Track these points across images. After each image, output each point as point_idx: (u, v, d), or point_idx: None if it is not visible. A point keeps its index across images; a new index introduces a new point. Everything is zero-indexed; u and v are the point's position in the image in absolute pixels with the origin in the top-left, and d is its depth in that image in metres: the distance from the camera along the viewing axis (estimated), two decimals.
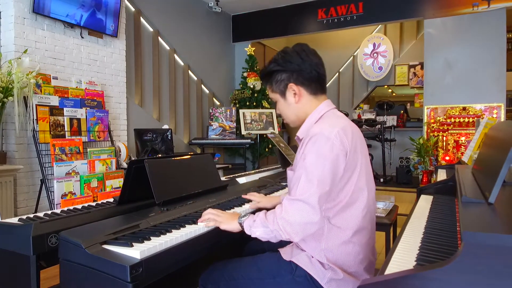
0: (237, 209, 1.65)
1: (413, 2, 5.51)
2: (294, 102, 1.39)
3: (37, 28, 3.55)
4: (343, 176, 1.25)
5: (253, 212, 1.40)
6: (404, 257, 0.98)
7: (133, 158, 4.30)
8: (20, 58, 3.21)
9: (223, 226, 1.36)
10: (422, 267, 0.82)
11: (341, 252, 1.27)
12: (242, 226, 1.32)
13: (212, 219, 1.38)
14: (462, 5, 5.16)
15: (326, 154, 1.21)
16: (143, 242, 1.15)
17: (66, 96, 3.65)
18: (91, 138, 3.78)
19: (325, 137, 1.23)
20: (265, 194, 1.97)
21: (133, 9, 4.96)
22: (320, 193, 1.19)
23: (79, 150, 3.56)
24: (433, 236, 1.18)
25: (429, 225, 1.32)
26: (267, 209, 1.34)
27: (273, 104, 6.84)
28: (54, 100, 3.49)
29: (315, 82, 1.37)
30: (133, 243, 1.13)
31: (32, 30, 3.51)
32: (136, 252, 1.07)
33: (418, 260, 0.95)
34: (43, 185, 3.30)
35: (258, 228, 1.26)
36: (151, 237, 1.20)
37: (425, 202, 1.78)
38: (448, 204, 1.68)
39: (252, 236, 1.29)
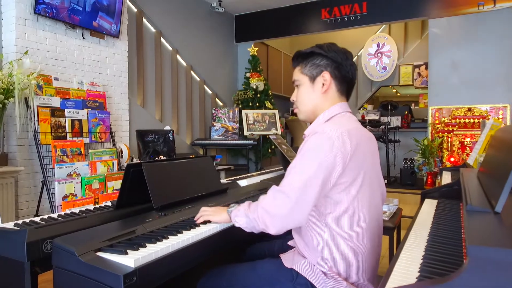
0: None
1: (418, 2, 5.46)
2: (321, 91, 1.34)
3: (38, 29, 3.54)
4: (342, 180, 1.19)
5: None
6: (407, 267, 0.94)
7: (135, 159, 4.28)
8: (21, 59, 3.19)
9: (214, 219, 1.42)
10: (424, 282, 0.78)
11: (344, 263, 1.23)
12: (230, 217, 1.37)
13: (205, 214, 1.44)
14: (468, 4, 5.10)
15: (323, 152, 1.17)
16: (138, 249, 1.13)
17: (67, 97, 3.63)
18: (93, 139, 3.77)
19: (327, 136, 1.18)
20: None
21: (135, 10, 4.94)
22: (307, 190, 1.15)
23: (81, 152, 3.54)
24: (437, 244, 1.14)
25: (433, 232, 1.28)
26: None
27: (276, 105, 6.83)
28: (56, 101, 3.48)
29: (346, 84, 1.36)
30: (128, 251, 1.10)
31: (33, 31, 3.50)
32: (131, 260, 1.04)
33: (421, 271, 0.91)
34: (44, 186, 3.28)
35: (241, 217, 1.29)
36: (147, 244, 1.17)
37: (429, 206, 1.74)
38: (453, 210, 1.64)
39: (236, 225, 1.33)
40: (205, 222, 1.44)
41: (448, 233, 1.27)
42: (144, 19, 5.12)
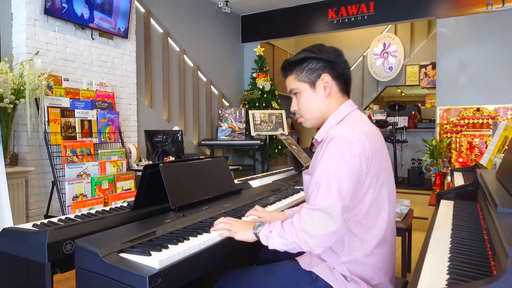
0: None
1: (426, 2, 5.43)
2: (324, 94, 1.30)
3: (48, 29, 3.55)
4: (364, 184, 1.19)
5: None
6: (435, 271, 0.94)
7: (143, 160, 4.28)
8: (32, 60, 3.20)
9: (238, 237, 1.29)
10: (460, 286, 0.77)
11: (364, 265, 1.22)
12: (257, 237, 1.26)
13: (226, 228, 1.31)
14: (476, 4, 5.07)
15: (347, 158, 1.15)
16: (161, 250, 1.12)
17: (77, 97, 3.64)
18: (102, 139, 3.77)
19: (347, 140, 1.16)
20: (279, 199, 1.93)
21: (143, 10, 4.95)
22: (341, 201, 1.13)
23: (90, 152, 3.55)
24: (461, 246, 1.13)
25: (455, 233, 1.27)
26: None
27: (282, 105, 6.81)
28: (65, 102, 3.49)
29: (345, 81, 1.32)
30: (151, 252, 1.09)
31: (43, 31, 3.51)
32: (155, 261, 1.03)
33: (450, 274, 0.90)
34: (55, 187, 3.29)
35: (276, 239, 1.21)
36: (169, 245, 1.17)
37: (446, 208, 1.72)
38: (471, 211, 1.63)
39: (270, 247, 1.23)
40: None
41: (470, 235, 1.26)
42: (151, 20, 5.13)
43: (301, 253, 1.48)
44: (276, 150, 6.29)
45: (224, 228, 1.31)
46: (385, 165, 1.26)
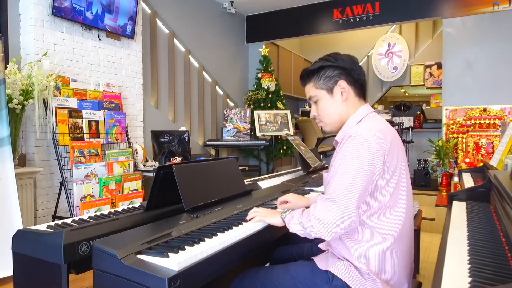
0: None
1: (432, 1, 5.41)
2: (341, 100, 1.37)
3: (56, 30, 3.56)
4: (380, 178, 1.23)
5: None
6: (456, 272, 0.93)
7: (149, 160, 4.29)
8: (40, 61, 3.21)
9: (268, 220, 1.45)
10: None
11: (383, 260, 1.24)
12: (284, 221, 1.39)
13: (258, 215, 1.48)
14: (482, 4, 5.05)
15: (361, 154, 1.20)
16: (178, 252, 1.12)
17: (84, 98, 3.65)
18: (109, 140, 3.78)
19: (362, 137, 1.22)
20: None
21: (149, 11, 4.95)
22: (353, 193, 1.19)
23: (98, 152, 3.56)
24: (479, 248, 1.12)
25: (471, 235, 1.27)
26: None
27: (287, 105, 6.81)
28: (73, 103, 3.50)
29: (360, 86, 1.39)
30: (169, 253, 1.09)
31: (51, 32, 3.52)
32: (174, 263, 1.03)
33: (472, 276, 0.90)
34: (62, 187, 3.30)
35: (296, 224, 1.31)
36: (186, 247, 1.17)
37: (459, 209, 1.72)
38: (485, 212, 1.62)
39: (291, 231, 1.34)
40: (237, 225, 1.43)
41: (487, 237, 1.26)
42: (157, 20, 5.13)
43: (313, 253, 1.50)
44: (281, 151, 6.28)
45: (256, 215, 1.48)
46: (401, 162, 1.29)
